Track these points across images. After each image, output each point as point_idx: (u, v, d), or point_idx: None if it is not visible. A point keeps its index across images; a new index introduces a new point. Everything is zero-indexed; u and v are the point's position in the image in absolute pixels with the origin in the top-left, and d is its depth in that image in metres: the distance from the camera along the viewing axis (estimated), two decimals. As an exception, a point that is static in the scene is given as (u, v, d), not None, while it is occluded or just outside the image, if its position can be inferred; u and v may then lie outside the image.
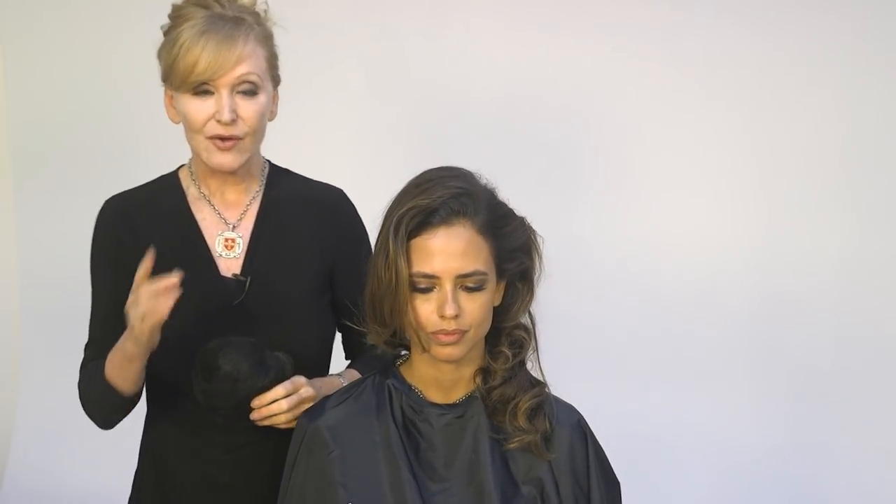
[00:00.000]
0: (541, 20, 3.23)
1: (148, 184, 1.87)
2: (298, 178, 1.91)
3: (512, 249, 1.60)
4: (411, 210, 1.54)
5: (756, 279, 3.17)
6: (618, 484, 1.69)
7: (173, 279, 1.60)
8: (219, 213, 1.81)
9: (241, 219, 1.81)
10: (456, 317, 1.53)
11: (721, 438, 3.20)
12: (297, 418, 1.68)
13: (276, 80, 1.79)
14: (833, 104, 3.11)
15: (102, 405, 1.76)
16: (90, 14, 3.57)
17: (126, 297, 1.64)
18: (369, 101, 3.36)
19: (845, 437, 3.13)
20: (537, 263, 1.64)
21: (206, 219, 1.80)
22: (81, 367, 1.82)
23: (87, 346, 1.84)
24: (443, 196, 1.54)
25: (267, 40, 1.76)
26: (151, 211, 1.81)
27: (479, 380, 1.63)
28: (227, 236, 1.80)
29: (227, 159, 1.73)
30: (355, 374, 1.81)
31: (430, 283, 1.53)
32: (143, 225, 1.79)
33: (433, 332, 1.54)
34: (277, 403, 1.67)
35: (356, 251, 1.87)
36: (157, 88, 1.85)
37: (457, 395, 1.64)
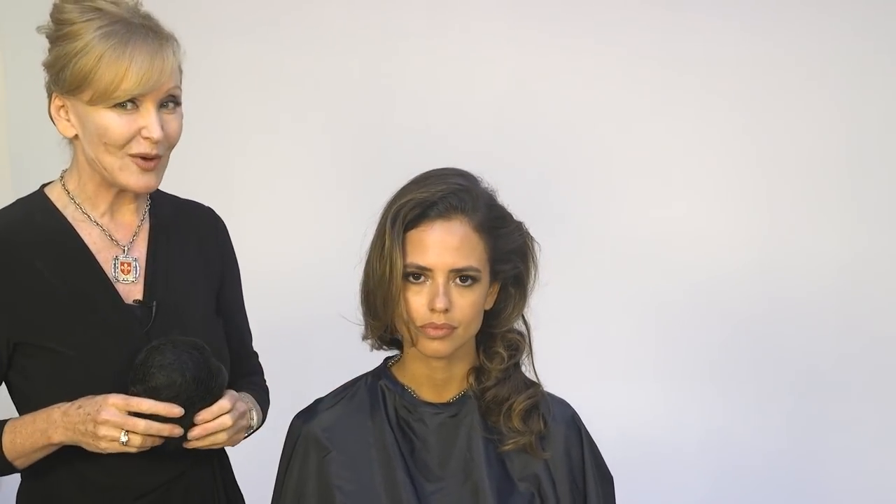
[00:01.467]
0: (541, 20, 3.22)
1: (11, 206, 1.71)
2: (170, 196, 1.77)
3: (507, 251, 1.60)
4: (409, 202, 1.55)
5: (757, 280, 3.17)
6: (611, 479, 1.69)
7: (175, 409, 1.49)
8: (109, 235, 1.65)
9: (132, 241, 1.67)
10: (446, 311, 1.53)
11: (721, 439, 3.20)
12: (230, 438, 1.57)
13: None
14: (835, 104, 3.10)
15: None
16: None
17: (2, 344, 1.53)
18: (369, 101, 3.35)
19: (846, 437, 3.13)
20: (532, 271, 1.64)
21: (95, 242, 1.63)
22: None
23: None
24: (442, 191, 1.56)
25: (177, 50, 1.62)
26: (30, 237, 1.61)
27: (471, 379, 1.63)
28: (123, 260, 1.64)
29: (149, 180, 1.59)
30: (249, 397, 1.71)
31: (422, 275, 1.54)
32: (26, 253, 1.59)
33: (422, 326, 1.54)
34: (222, 419, 1.53)
35: (233, 266, 1.81)
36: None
37: (450, 395, 1.64)
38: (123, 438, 1.49)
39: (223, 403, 1.55)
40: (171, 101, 1.59)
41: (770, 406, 3.17)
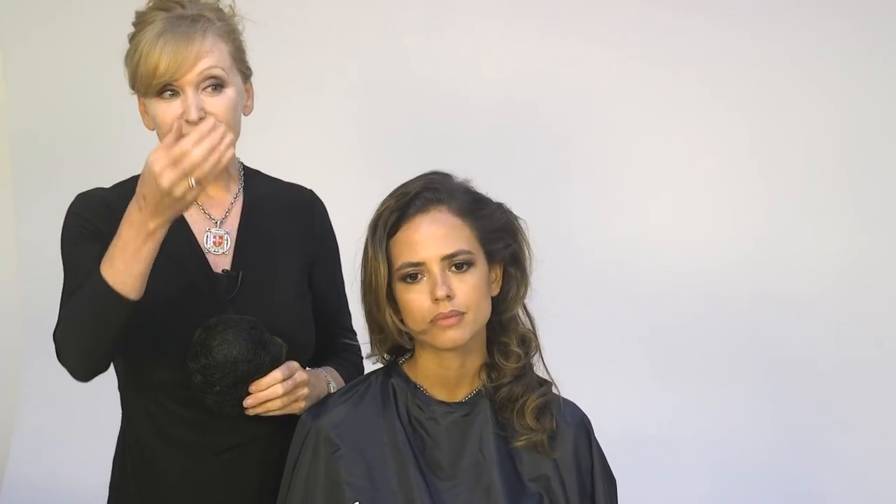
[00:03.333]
0: (541, 20, 3.23)
1: (123, 183, 1.84)
2: (270, 177, 1.90)
3: (494, 230, 1.61)
4: (386, 210, 1.58)
5: (756, 279, 3.17)
6: (615, 481, 1.70)
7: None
8: (204, 210, 1.79)
9: (226, 216, 1.80)
10: (448, 297, 1.53)
11: (721, 438, 3.20)
12: (288, 406, 1.66)
13: (245, 74, 1.76)
14: (833, 104, 3.11)
15: (98, 328, 1.59)
16: (90, 14, 3.57)
17: None
18: (369, 102, 3.36)
19: (845, 437, 3.13)
20: (525, 248, 1.65)
21: (192, 215, 1.78)
22: (57, 325, 1.67)
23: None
24: (415, 188, 1.59)
25: (230, 34, 1.72)
26: None
27: (483, 376, 1.64)
28: (216, 233, 1.79)
29: None
30: (334, 372, 1.81)
31: (417, 272, 1.55)
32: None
33: (432, 320, 1.54)
34: (273, 388, 1.64)
35: (330, 246, 1.91)
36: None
37: (462, 393, 1.65)
38: (192, 182, 1.51)
39: (275, 374, 1.64)
40: (212, 84, 1.67)
41: (770, 406, 3.17)
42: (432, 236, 1.55)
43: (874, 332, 3.11)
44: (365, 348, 1.72)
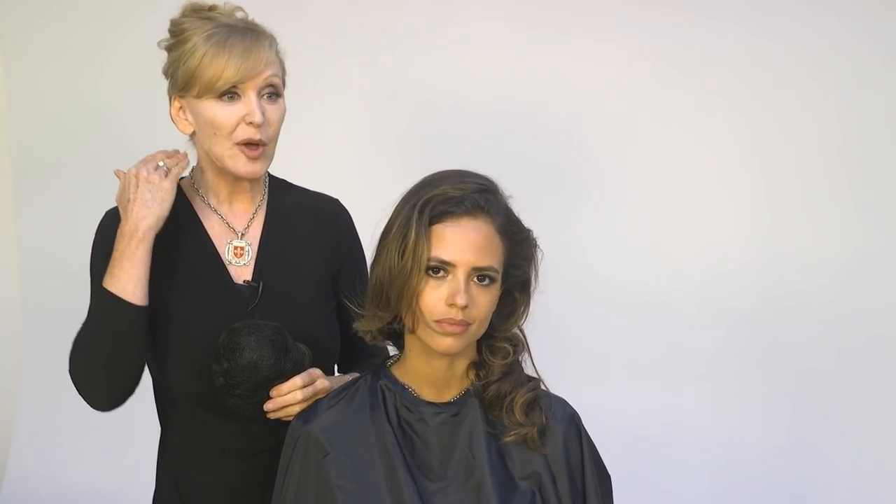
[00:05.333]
0: (541, 21, 3.23)
1: None
2: (296, 187, 1.95)
3: (521, 257, 1.61)
4: (438, 196, 1.54)
5: (757, 280, 3.17)
6: (609, 477, 1.70)
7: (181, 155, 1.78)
8: (226, 222, 1.84)
9: (248, 227, 1.84)
10: (465, 307, 1.53)
11: (721, 439, 3.20)
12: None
13: (285, 86, 1.83)
14: (834, 104, 3.10)
15: (105, 338, 1.69)
16: (91, 15, 3.57)
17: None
18: (369, 103, 3.36)
19: (846, 437, 3.13)
20: (534, 278, 1.65)
21: (213, 227, 1.83)
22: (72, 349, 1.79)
23: None
24: (470, 188, 1.56)
25: (277, 48, 1.80)
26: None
27: (472, 375, 1.64)
28: (237, 244, 1.83)
29: (255, 167, 1.76)
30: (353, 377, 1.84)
31: (442, 270, 1.54)
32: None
33: (438, 321, 1.54)
34: (293, 394, 1.69)
35: (356, 254, 1.92)
36: (158, 89, 1.86)
37: (451, 394, 1.65)
38: (162, 165, 1.76)
39: (296, 380, 1.70)
40: (271, 92, 1.76)
41: (770, 405, 3.17)
42: (472, 244, 1.54)
43: (875, 332, 3.11)
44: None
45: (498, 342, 1.64)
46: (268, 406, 1.70)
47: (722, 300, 3.19)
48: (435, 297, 1.53)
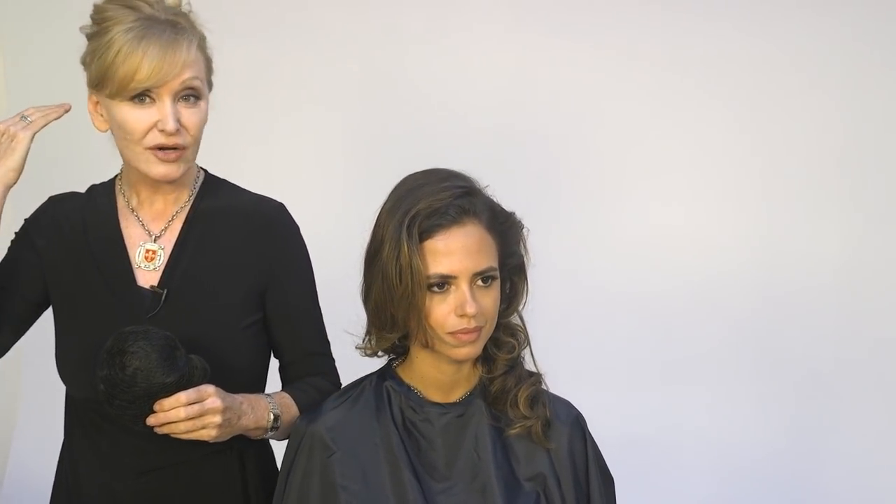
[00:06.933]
0: (541, 22, 3.23)
1: (96, 186, 1.83)
2: (235, 188, 1.80)
3: (512, 242, 1.61)
4: (422, 210, 1.53)
5: (756, 280, 3.17)
6: (612, 479, 1.70)
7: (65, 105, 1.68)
8: (143, 224, 1.73)
9: (164, 230, 1.73)
10: (475, 314, 1.53)
11: (721, 439, 3.20)
12: (193, 431, 1.56)
13: (210, 86, 1.70)
14: (833, 105, 3.11)
15: None
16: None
17: (15, 282, 1.70)
18: (369, 103, 3.36)
19: (846, 438, 3.13)
20: (525, 256, 1.65)
21: (129, 228, 1.73)
22: None
23: None
24: (450, 196, 1.54)
25: (203, 44, 1.67)
26: (82, 217, 1.76)
27: (479, 366, 1.64)
28: (148, 247, 1.72)
29: (170, 169, 1.64)
30: (286, 398, 1.72)
31: (445, 283, 1.53)
32: (67, 233, 1.75)
33: (452, 332, 1.54)
34: (175, 411, 1.54)
35: (292, 267, 1.77)
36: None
37: (457, 395, 1.65)
38: (24, 115, 1.75)
39: (179, 396, 1.54)
40: (190, 95, 1.63)
41: (770, 406, 3.17)
42: (467, 251, 1.53)
43: (875, 332, 3.11)
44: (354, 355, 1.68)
45: (503, 336, 1.64)
46: (150, 421, 1.55)
47: (721, 300, 3.19)
48: (444, 311, 1.53)
